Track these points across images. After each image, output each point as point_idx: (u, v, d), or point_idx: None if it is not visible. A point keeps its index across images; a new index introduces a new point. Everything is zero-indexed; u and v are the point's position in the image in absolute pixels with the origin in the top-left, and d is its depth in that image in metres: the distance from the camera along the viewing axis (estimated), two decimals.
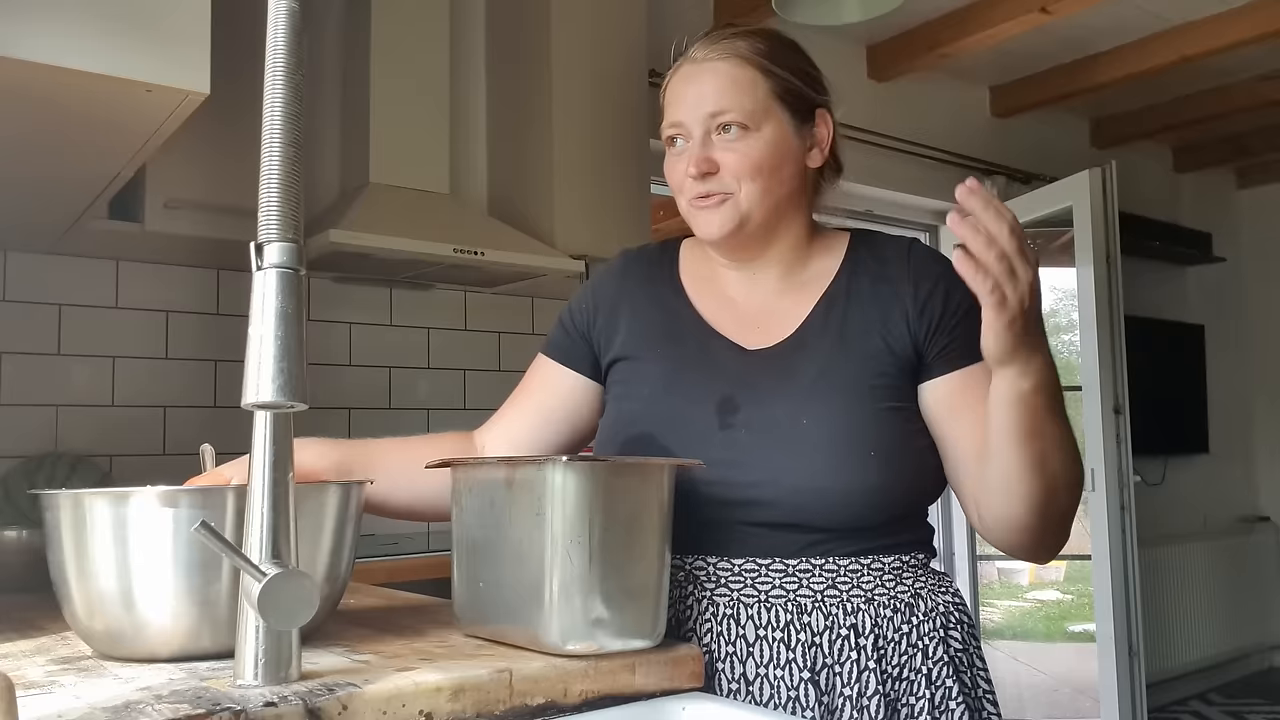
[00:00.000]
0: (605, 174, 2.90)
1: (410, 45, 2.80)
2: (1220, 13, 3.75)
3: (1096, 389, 3.73)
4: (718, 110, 1.11)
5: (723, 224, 1.13)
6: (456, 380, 3.08)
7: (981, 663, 1.15)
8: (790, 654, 1.06)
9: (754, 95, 1.12)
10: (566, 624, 0.87)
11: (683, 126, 1.14)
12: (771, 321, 1.17)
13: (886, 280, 1.14)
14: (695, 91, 1.13)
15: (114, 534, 0.86)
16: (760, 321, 1.17)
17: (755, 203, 1.12)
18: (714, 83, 1.12)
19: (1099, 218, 3.81)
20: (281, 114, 0.78)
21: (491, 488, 0.96)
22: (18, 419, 2.40)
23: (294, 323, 0.77)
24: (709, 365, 1.16)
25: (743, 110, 1.11)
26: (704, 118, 1.12)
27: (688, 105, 1.13)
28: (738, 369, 1.14)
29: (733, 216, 1.13)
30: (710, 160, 1.12)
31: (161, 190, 2.29)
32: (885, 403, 1.10)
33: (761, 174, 1.12)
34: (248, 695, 0.74)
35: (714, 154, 1.12)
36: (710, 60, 1.13)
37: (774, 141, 1.12)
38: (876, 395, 1.10)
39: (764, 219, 1.14)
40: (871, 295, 1.14)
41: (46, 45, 1.15)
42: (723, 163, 1.12)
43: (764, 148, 1.12)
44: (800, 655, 1.06)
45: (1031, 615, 4.86)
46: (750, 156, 1.11)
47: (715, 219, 1.13)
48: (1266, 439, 5.80)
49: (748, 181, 1.12)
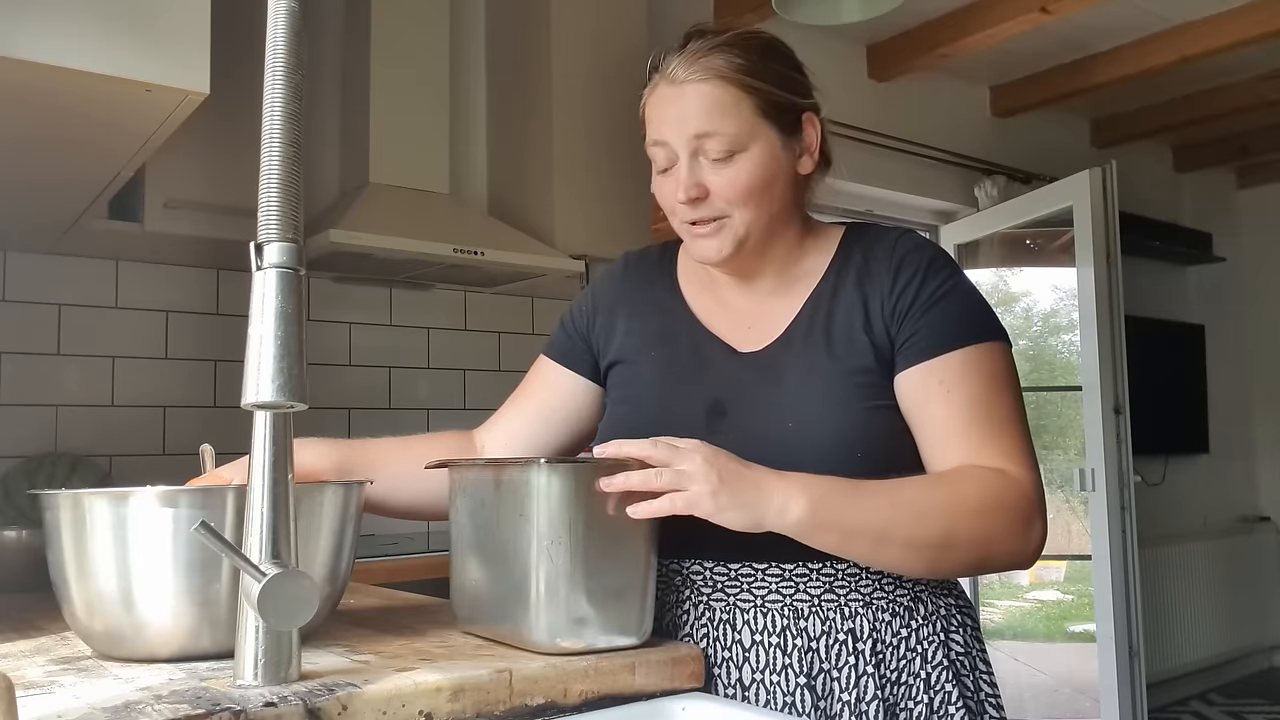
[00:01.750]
0: (605, 174, 2.90)
1: (410, 45, 2.80)
2: (1220, 13, 3.75)
3: (1096, 389, 3.73)
4: (702, 133, 1.07)
5: (720, 249, 1.11)
6: (456, 380, 3.08)
7: (985, 665, 1.15)
8: (786, 659, 1.06)
9: (739, 116, 1.08)
10: (552, 622, 0.88)
11: (668, 146, 1.11)
12: (763, 323, 1.16)
13: (871, 273, 1.13)
14: (678, 113, 1.09)
15: (114, 534, 0.86)
16: (753, 322, 1.17)
17: (751, 224, 1.10)
18: (697, 105, 1.08)
19: (1099, 218, 3.81)
20: (281, 114, 0.78)
21: (482, 488, 0.97)
22: (17, 419, 2.40)
23: (294, 323, 0.77)
24: (700, 369, 1.15)
25: (728, 133, 1.07)
26: (689, 139, 1.08)
27: (671, 125, 1.09)
28: (728, 373, 1.14)
29: (731, 241, 1.11)
30: (700, 186, 1.09)
31: (161, 190, 2.29)
32: (872, 401, 1.08)
33: (754, 196, 1.09)
34: (248, 695, 0.74)
35: (703, 178, 1.09)
36: (690, 82, 1.08)
37: (763, 161, 1.09)
38: (863, 394, 1.08)
39: (760, 237, 1.12)
40: (856, 290, 1.12)
41: (46, 45, 1.15)
42: (713, 187, 1.09)
43: (754, 169, 1.09)
44: (796, 660, 1.06)
45: (1031, 615, 4.86)
46: (741, 181, 1.08)
47: (714, 244, 1.11)
48: (1266, 439, 5.79)
49: (740, 206, 1.09)
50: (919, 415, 1.08)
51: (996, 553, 1.02)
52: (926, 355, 1.07)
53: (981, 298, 1.14)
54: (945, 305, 1.09)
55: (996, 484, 1.02)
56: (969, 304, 1.11)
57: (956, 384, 1.06)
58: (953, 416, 1.05)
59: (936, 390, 1.06)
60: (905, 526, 0.98)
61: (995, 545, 1.02)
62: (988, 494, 1.02)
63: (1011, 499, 1.02)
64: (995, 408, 1.06)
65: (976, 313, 1.11)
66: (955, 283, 1.11)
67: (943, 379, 1.06)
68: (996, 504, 1.01)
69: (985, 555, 1.02)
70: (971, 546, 1.01)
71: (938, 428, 1.06)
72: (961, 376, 1.06)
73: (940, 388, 1.06)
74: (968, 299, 1.11)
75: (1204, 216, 5.58)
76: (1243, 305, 5.82)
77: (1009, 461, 1.04)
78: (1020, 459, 1.05)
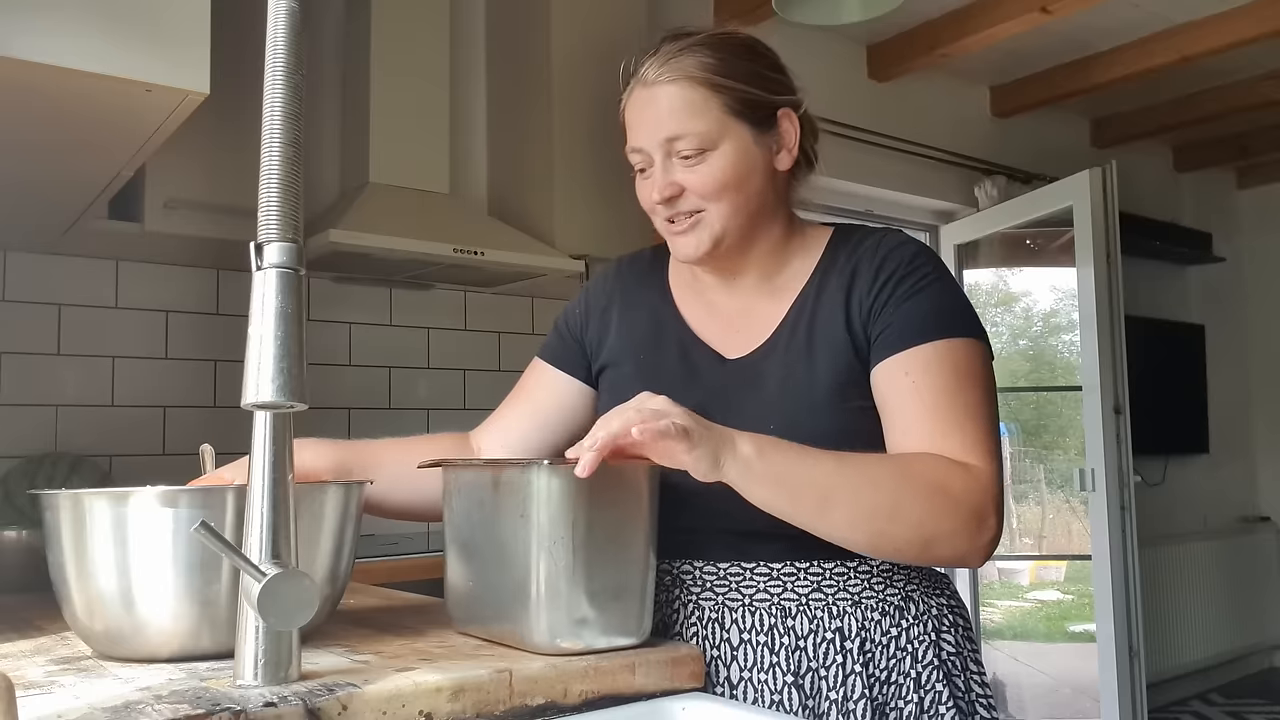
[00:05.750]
0: (605, 174, 2.90)
1: (410, 45, 2.80)
2: (1220, 13, 3.75)
3: (1096, 389, 3.73)
4: (673, 135, 1.09)
5: (698, 245, 1.12)
6: (456, 380, 3.08)
7: (977, 666, 1.15)
8: (774, 658, 1.06)
9: (707, 116, 1.09)
10: (552, 623, 0.88)
11: (643, 152, 1.13)
12: (749, 327, 1.16)
13: (856, 274, 1.12)
14: (650, 116, 1.11)
15: (114, 534, 0.86)
16: (740, 327, 1.17)
17: (727, 220, 1.11)
18: (666, 106, 1.10)
19: (1099, 218, 3.81)
20: (281, 114, 0.78)
21: (479, 489, 0.97)
22: (17, 419, 2.40)
23: (294, 323, 0.77)
24: (687, 375, 1.16)
25: (697, 133, 1.09)
26: (661, 143, 1.10)
27: (644, 131, 1.12)
28: (714, 378, 1.15)
29: (707, 238, 1.12)
30: (674, 184, 1.11)
31: (161, 190, 2.28)
32: (854, 402, 1.08)
33: (727, 191, 1.10)
34: (248, 695, 0.74)
35: (676, 177, 1.11)
36: (660, 83, 1.10)
37: (735, 158, 1.10)
38: (847, 395, 1.08)
39: (739, 234, 1.13)
40: (840, 292, 1.12)
41: (46, 45, 1.15)
42: (686, 184, 1.10)
43: (725, 165, 1.10)
44: (784, 659, 1.06)
45: (1031, 615, 4.86)
46: (712, 177, 1.10)
47: (691, 241, 1.12)
48: (1266, 439, 5.79)
49: (714, 202, 1.10)
50: (887, 407, 1.08)
51: (941, 537, 0.98)
52: (897, 348, 1.07)
53: (963, 297, 1.13)
54: (920, 300, 1.08)
55: (952, 471, 1.00)
56: (945, 301, 1.10)
57: (922, 375, 1.05)
58: (917, 408, 1.05)
59: (903, 382, 1.06)
60: (852, 490, 0.97)
61: (942, 529, 0.98)
62: (941, 478, 1.00)
63: (964, 488, 0.99)
64: (961, 401, 1.04)
65: (952, 310, 1.10)
66: (934, 280, 1.10)
67: (909, 370, 1.06)
68: (949, 489, 0.99)
69: (930, 537, 0.98)
70: (917, 525, 0.98)
71: (903, 418, 1.05)
72: (928, 368, 1.05)
73: (906, 379, 1.06)
74: (944, 296, 1.10)
75: (1204, 216, 5.58)
76: (1243, 305, 5.82)
77: (969, 455, 1.02)
78: (981, 454, 1.03)
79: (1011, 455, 4.76)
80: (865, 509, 0.97)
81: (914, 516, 0.98)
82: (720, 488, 0.95)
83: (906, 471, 1.00)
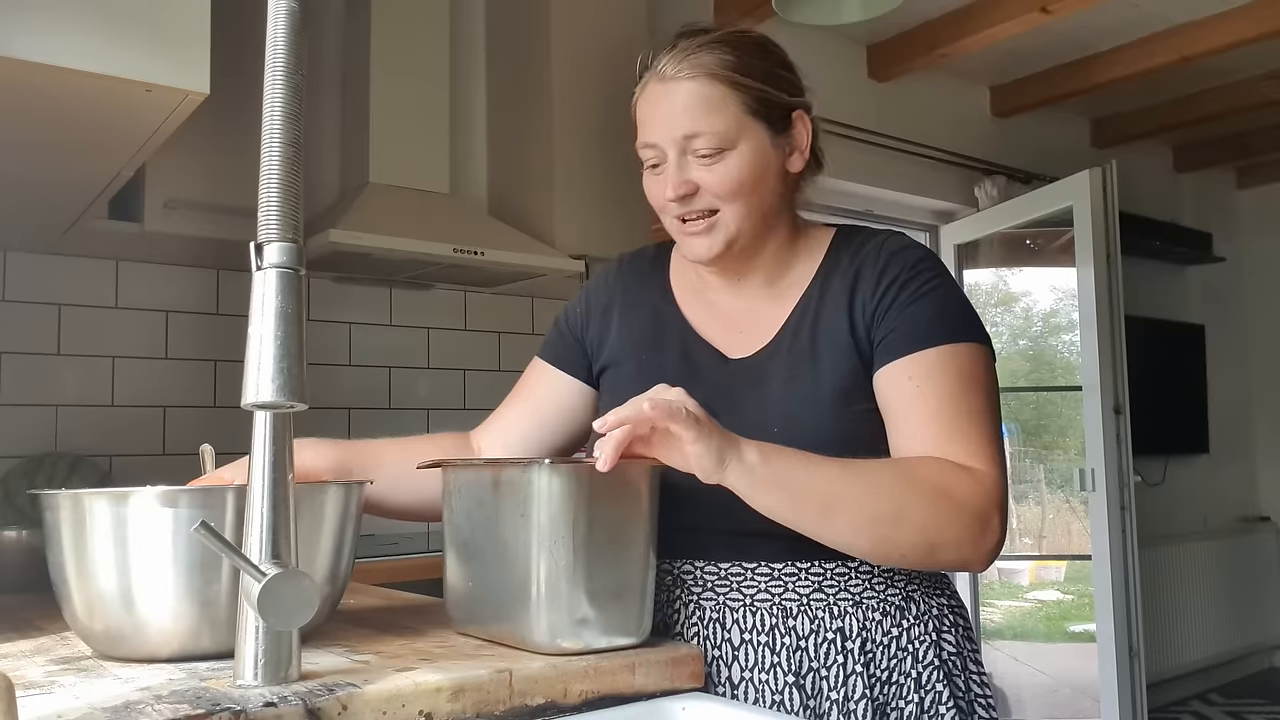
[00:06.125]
0: (605, 174, 2.90)
1: (410, 45, 2.80)
2: (1220, 13, 3.75)
3: (1096, 389, 3.73)
4: (690, 133, 1.08)
5: (711, 247, 1.11)
6: (456, 380, 3.08)
7: (977, 666, 1.15)
8: (775, 658, 1.06)
9: (726, 114, 1.08)
10: (553, 622, 0.88)
11: (657, 148, 1.11)
12: (753, 328, 1.16)
13: (859, 276, 1.12)
14: (666, 112, 1.09)
15: (114, 534, 0.86)
16: (744, 328, 1.17)
17: (741, 222, 1.10)
18: (684, 102, 1.08)
19: (1099, 218, 3.81)
20: (281, 114, 0.78)
21: (479, 489, 0.97)
22: (17, 419, 2.40)
23: (294, 323, 0.77)
24: (689, 374, 1.15)
25: (715, 131, 1.07)
26: (677, 139, 1.08)
27: (659, 126, 1.10)
28: (717, 378, 1.14)
29: (721, 239, 1.11)
30: (689, 182, 1.09)
31: (161, 190, 2.29)
32: (857, 405, 1.08)
33: (743, 192, 1.09)
34: (248, 695, 0.74)
35: (692, 175, 1.09)
36: (678, 79, 1.08)
37: (752, 158, 1.09)
38: (850, 398, 1.08)
39: (751, 235, 1.12)
40: (843, 294, 1.12)
41: (46, 45, 1.15)
42: (702, 183, 1.09)
43: (743, 165, 1.09)
44: (785, 659, 1.06)
45: (1031, 615, 4.86)
46: (729, 177, 1.08)
47: (704, 242, 1.11)
48: (1266, 439, 5.79)
49: (729, 202, 1.09)
50: (890, 412, 1.07)
51: (946, 542, 0.98)
52: (901, 352, 1.07)
53: (966, 302, 1.13)
54: (923, 304, 1.08)
55: (956, 475, 1.00)
56: (948, 305, 1.10)
57: (926, 380, 1.05)
58: (921, 412, 1.04)
59: (907, 386, 1.05)
60: (855, 496, 0.96)
61: (946, 535, 0.98)
62: (945, 483, 0.99)
63: (969, 493, 0.99)
64: (965, 406, 1.04)
65: (955, 314, 1.09)
66: (937, 284, 1.10)
67: (913, 375, 1.05)
68: (953, 493, 0.99)
69: (935, 542, 0.98)
70: (921, 530, 0.97)
71: (907, 423, 1.05)
72: (931, 373, 1.05)
73: (910, 383, 1.05)
74: (948, 300, 1.10)
75: (1204, 216, 5.58)
76: (1243, 305, 5.82)
77: (974, 459, 1.02)
78: (986, 458, 1.02)
79: (1012, 455, 4.76)
80: (869, 515, 0.97)
81: (918, 522, 0.97)
82: (711, 488, 0.95)
83: (910, 477, 1.00)
